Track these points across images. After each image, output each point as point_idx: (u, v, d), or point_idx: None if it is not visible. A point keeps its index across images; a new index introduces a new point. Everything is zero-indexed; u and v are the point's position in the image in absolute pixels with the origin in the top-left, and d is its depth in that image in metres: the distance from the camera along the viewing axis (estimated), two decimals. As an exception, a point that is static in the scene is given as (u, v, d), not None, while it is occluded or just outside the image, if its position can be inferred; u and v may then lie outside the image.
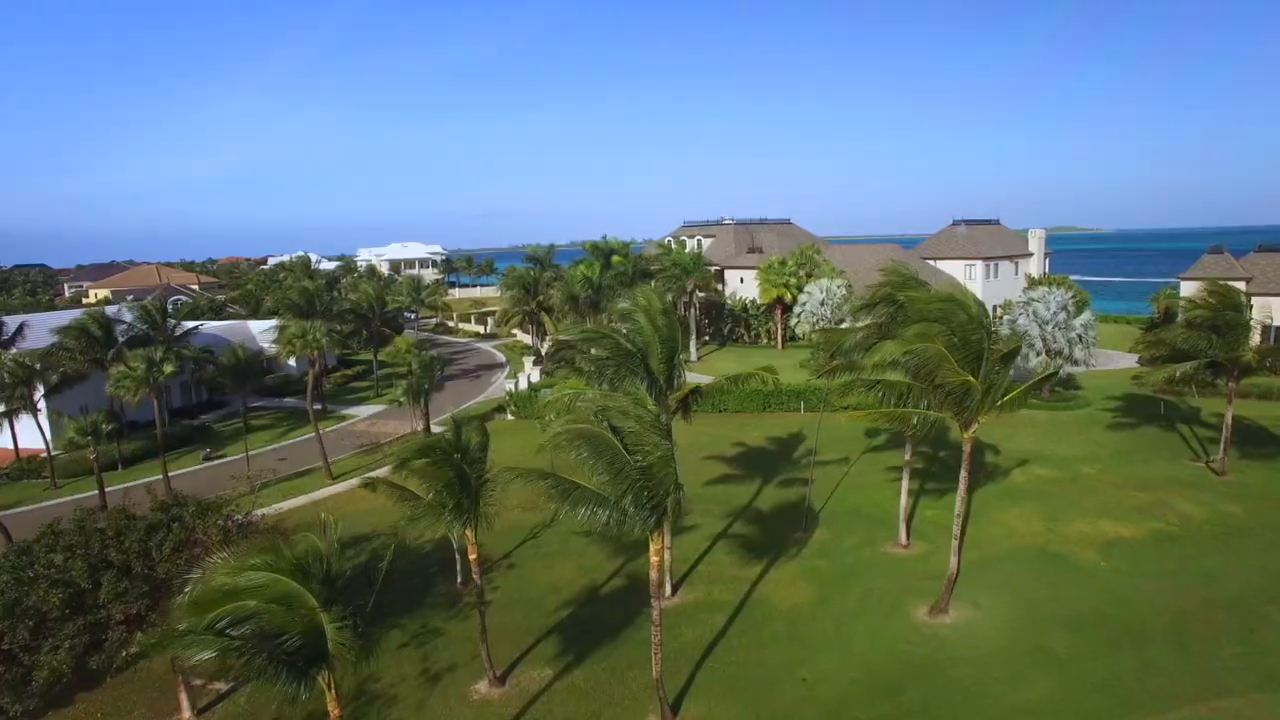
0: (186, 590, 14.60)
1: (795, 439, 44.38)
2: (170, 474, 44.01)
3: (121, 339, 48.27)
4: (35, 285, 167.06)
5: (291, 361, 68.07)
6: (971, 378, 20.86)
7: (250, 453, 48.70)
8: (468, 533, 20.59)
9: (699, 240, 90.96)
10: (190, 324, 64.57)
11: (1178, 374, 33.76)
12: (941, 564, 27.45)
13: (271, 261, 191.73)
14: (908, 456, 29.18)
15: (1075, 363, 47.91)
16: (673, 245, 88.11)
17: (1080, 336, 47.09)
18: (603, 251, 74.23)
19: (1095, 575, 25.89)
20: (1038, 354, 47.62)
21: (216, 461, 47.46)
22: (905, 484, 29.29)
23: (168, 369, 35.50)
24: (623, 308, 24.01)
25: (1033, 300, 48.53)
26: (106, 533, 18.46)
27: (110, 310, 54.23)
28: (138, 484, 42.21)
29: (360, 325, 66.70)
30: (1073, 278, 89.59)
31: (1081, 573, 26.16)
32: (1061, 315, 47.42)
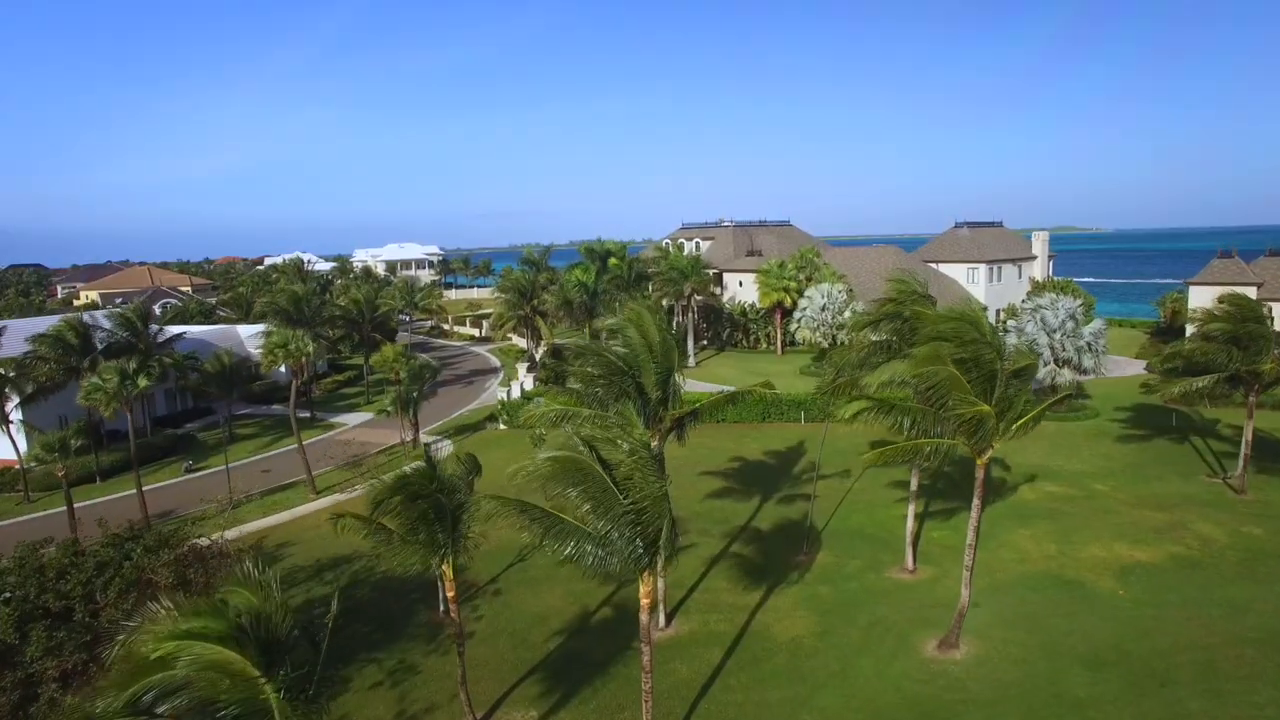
0: (119, 640, 13.10)
1: (795, 451, 42.94)
2: (150, 487, 42.50)
3: (100, 346, 46.75)
4: (28, 286, 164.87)
5: (281, 367, 66.85)
6: (985, 405, 19.43)
7: (233, 465, 47.10)
8: (445, 568, 19.11)
9: (697, 243, 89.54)
10: (175, 329, 63.10)
11: (1194, 388, 32.33)
12: (949, 591, 26.06)
13: (268, 262, 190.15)
14: (914, 486, 27.76)
15: (1084, 372, 46.53)
16: (670, 248, 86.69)
17: (1089, 345, 45.72)
18: (598, 255, 72.81)
19: (1114, 605, 24.44)
20: (1045, 363, 46.23)
21: (198, 474, 45.90)
22: (911, 508, 27.84)
23: (142, 382, 33.98)
24: (611, 324, 22.54)
25: (1040, 307, 47.15)
26: (47, 573, 16.94)
27: (88, 317, 52.66)
28: (112, 499, 40.75)
29: (350, 330, 65.20)
30: (1071, 280, 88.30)
31: (1099, 602, 24.71)
32: (1070, 323, 46.05)
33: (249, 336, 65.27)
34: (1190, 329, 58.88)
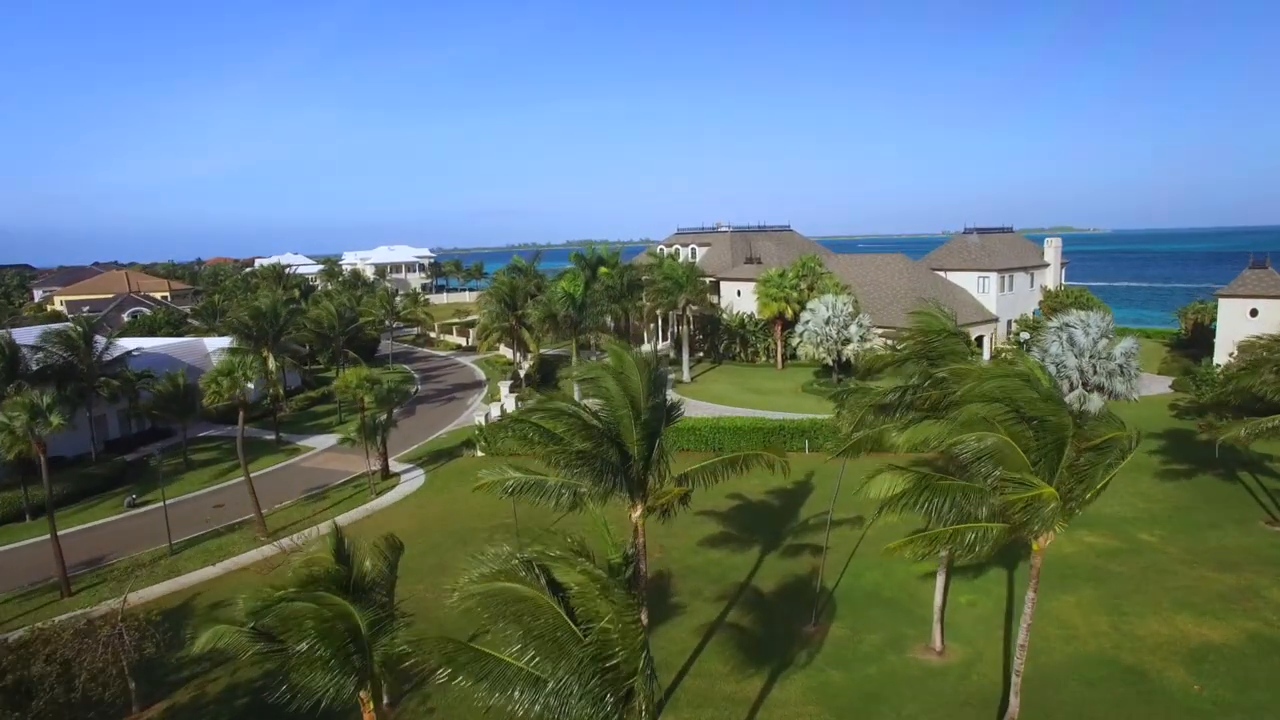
0: None
1: (801, 488, 38.81)
2: (80, 528, 38.58)
3: (35, 368, 42.60)
4: (9, 289, 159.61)
5: (249, 383, 62.46)
6: (1046, 486, 15.40)
7: (184, 498, 43.30)
8: (362, 695, 14.95)
9: (693, 249, 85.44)
10: (132, 343, 58.91)
11: (1266, 429, 28.24)
12: (986, 679, 22.03)
13: (258, 263, 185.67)
14: (943, 551, 23.58)
15: (1115, 397, 42.38)
16: (665, 253, 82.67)
17: (1122, 368, 41.54)
18: (589, 262, 68.76)
19: (1192, 707, 20.30)
20: (1073, 387, 42.14)
21: (142, 509, 41.69)
22: (941, 578, 23.72)
23: (55, 420, 29.69)
24: (585, 373, 18.46)
25: (1068, 325, 42.95)
26: None
27: (36, 332, 48.40)
28: (38, 542, 36.38)
29: (321, 345, 60.88)
30: (1087, 289, 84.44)
31: (1171, 701, 20.59)
32: (1102, 343, 41.91)
33: (215, 350, 60.93)
34: (1228, 352, 54.90)
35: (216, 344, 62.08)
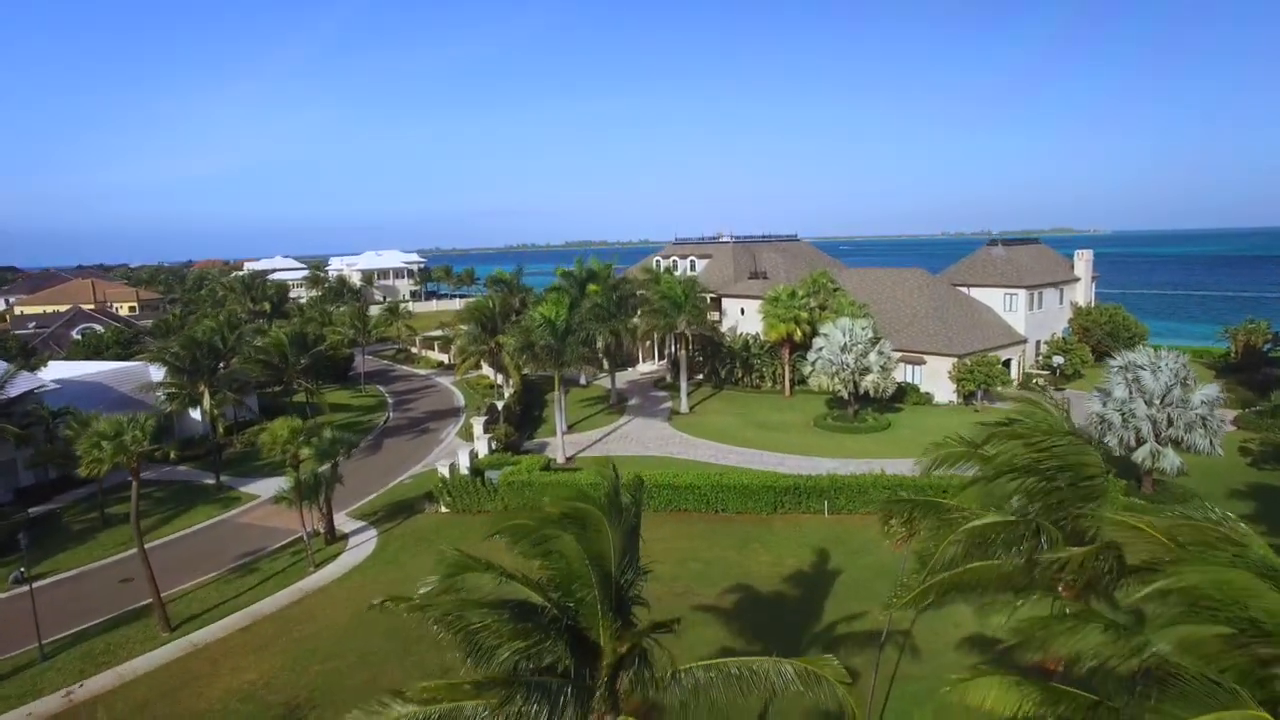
0: None
1: (821, 572, 32.01)
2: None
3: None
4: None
5: (194, 414, 55.70)
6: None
7: (85, 568, 36.62)
8: None
9: (692, 261, 78.75)
10: (57, 370, 52.25)
11: None
12: None
13: (247, 266, 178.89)
14: None
15: (1194, 452, 35.74)
16: (662, 266, 75.97)
17: (1203, 420, 34.93)
18: (577, 279, 62.14)
19: None
20: (1142, 441, 35.58)
21: (32, 584, 34.70)
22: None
23: None
24: (513, 529, 11.70)
25: (1135, 366, 36.36)
26: None
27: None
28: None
29: (274, 376, 54.09)
30: (1121, 307, 77.98)
31: None
32: (1176, 390, 35.30)
33: (160, 379, 54.16)
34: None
35: (161, 371, 55.38)
